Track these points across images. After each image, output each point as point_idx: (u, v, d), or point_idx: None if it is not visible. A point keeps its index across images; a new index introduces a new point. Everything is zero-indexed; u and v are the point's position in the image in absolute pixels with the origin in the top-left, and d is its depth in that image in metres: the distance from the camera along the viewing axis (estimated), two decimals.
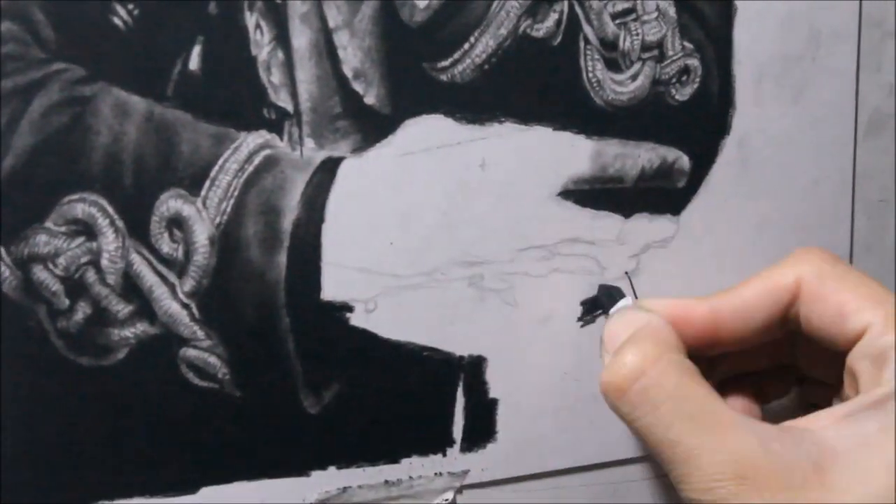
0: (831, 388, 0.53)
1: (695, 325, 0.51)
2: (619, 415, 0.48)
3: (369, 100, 0.53)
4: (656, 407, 0.46)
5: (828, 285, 0.50)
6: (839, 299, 0.49)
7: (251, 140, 0.51)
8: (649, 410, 0.47)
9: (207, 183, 0.51)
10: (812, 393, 0.57)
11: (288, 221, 0.52)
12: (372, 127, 0.53)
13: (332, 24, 0.52)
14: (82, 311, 0.50)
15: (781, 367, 0.57)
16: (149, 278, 0.51)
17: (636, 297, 0.59)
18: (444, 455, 0.57)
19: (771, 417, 0.51)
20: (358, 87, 0.53)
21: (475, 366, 0.57)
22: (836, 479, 0.44)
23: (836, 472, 0.44)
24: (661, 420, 0.46)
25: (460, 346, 0.57)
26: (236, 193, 0.51)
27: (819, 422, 0.46)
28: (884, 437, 0.44)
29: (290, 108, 0.52)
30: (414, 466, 0.57)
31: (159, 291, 0.51)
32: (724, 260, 0.61)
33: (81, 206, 0.49)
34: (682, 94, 0.59)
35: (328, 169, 0.53)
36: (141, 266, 0.51)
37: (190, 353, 0.52)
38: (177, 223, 0.51)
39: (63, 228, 0.49)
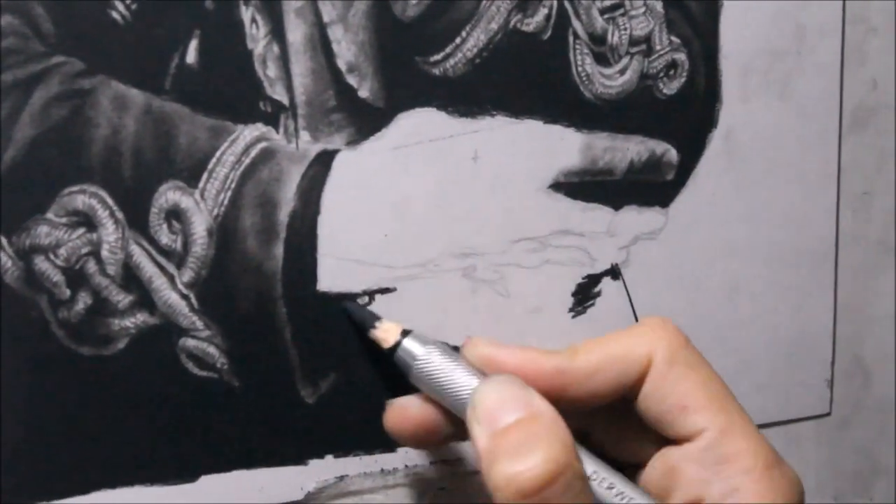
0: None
1: (538, 383, 0.49)
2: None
3: (363, 93, 0.54)
4: None
5: (675, 372, 0.49)
6: (682, 391, 0.49)
7: (248, 133, 0.52)
8: None
9: (205, 175, 0.52)
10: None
11: (284, 213, 0.53)
12: (366, 120, 0.54)
13: (326, 18, 0.52)
14: (83, 301, 0.51)
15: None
16: (148, 269, 0.52)
17: (628, 292, 0.60)
18: None
19: None
20: (352, 80, 0.53)
21: None
22: None
23: None
24: None
25: (453, 336, 0.57)
26: (233, 185, 0.52)
27: None
28: None
29: (285, 101, 0.52)
30: (410, 455, 0.57)
31: (158, 282, 0.52)
32: (712, 251, 0.62)
33: (82, 197, 0.50)
34: (670, 88, 0.59)
35: (323, 161, 0.53)
36: (140, 257, 0.51)
37: (189, 342, 0.53)
38: (175, 215, 0.52)
39: (64, 220, 0.50)
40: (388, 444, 0.57)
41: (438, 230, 0.56)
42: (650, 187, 0.60)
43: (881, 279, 0.68)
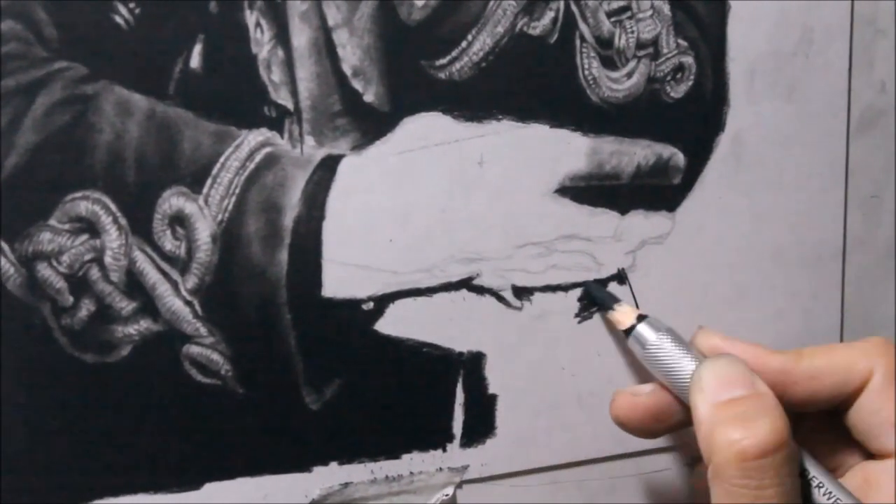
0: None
1: (765, 378, 0.52)
2: (719, 474, 0.49)
3: (368, 97, 0.53)
4: (765, 487, 0.48)
5: (891, 391, 0.51)
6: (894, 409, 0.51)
7: (252, 138, 0.52)
8: (756, 486, 0.48)
9: (209, 181, 0.51)
10: None
11: (289, 219, 0.53)
12: (371, 124, 0.54)
13: (331, 22, 0.52)
14: (86, 308, 0.51)
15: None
16: (152, 275, 0.51)
17: (634, 297, 0.59)
18: (444, 450, 0.58)
19: None
20: (357, 84, 0.53)
21: (474, 362, 0.57)
22: None
23: None
24: (764, 498, 0.48)
25: (459, 343, 0.57)
26: (238, 191, 0.52)
27: None
28: None
29: (290, 105, 0.52)
30: (414, 462, 0.57)
31: (162, 289, 0.51)
32: (720, 256, 0.61)
33: (85, 203, 0.50)
34: (677, 91, 0.59)
35: (328, 166, 0.53)
36: (144, 263, 0.51)
37: (193, 349, 0.52)
38: (179, 221, 0.51)
39: (67, 226, 0.50)
40: (392, 450, 0.57)
41: (444, 235, 0.56)
42: (657, 191, 0.60)
43: (889, 282, 0.67)
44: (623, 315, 0.57)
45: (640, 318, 0.57)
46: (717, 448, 0.48)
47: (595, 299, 0.59)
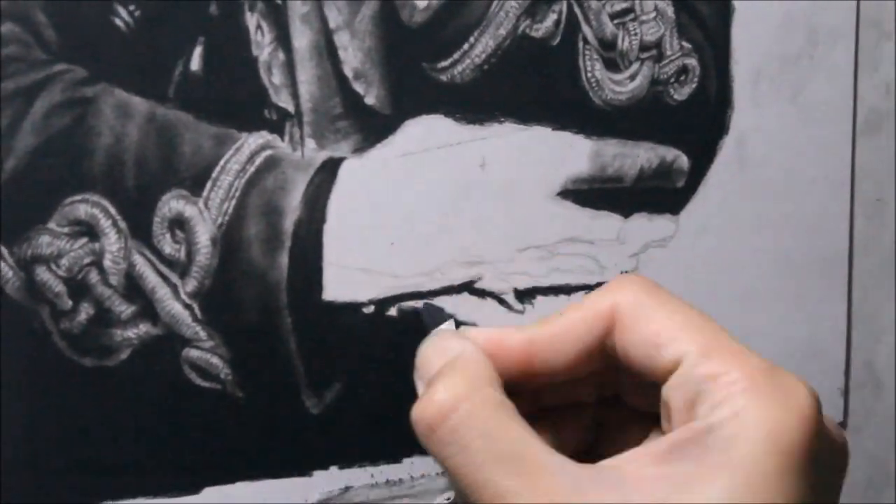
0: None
1: (510, 355, 0.47)
2: (429, 452, 0.46)
3: (370, 100, 0.53)
4: (466, 446, 0.42)
5: (643, 313, 0.47)
6: (653, 328, 0.45)
7: (252, 141, 0.51)
8: (458, 450, 0.42)
9: (209, 184, 0.51)
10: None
11: (289, 222, 0.52)
12: (372, 127, 0.53)
13: (332, 24, 0.52)
14: (85, 311, 0.50)
15: (612, 397, 0.55)
16: (151, 279, 0.51)
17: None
18: None
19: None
20: (358, 87, 0.53)
21: None
22: None
23: None
24: (471, 460, 0.42)
25: None
26: (238, 194, 0.51)
27: (637, 460, 0.44)
28: (703, 477, 0.43)
29: (291, 108, 0.52)
30: (415, 466, 0.57)
31: (162, 292, 0.51)
32: (723, 259, 0.61)
33: (84, 207, 0.50)
34: (681, 93, 0.59)
35: (329, 169, 0.53)
36: (143, 267, 0.51)
37: (192, 353, 0.52)
38: (179, 224, 0.51)
39: (66, 229, 0.50)
40: (393, 455, 0.56)
41: (445, 238, 0.55)
42: (660, 194, 0.59)
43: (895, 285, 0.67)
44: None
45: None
46: (413, 424, 0.44)
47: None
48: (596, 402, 0.51)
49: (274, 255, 0.52)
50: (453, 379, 0.44)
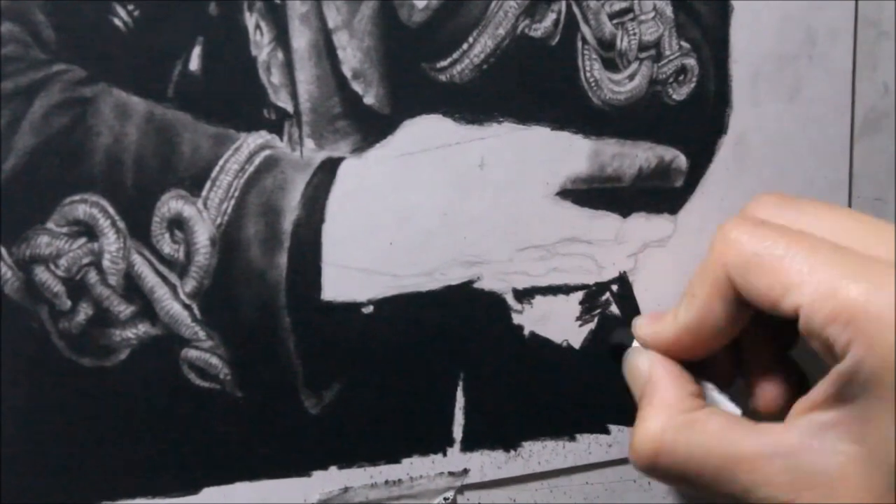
0: None
1: (674, 352, 0.54)
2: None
3: (368, 100, 0.53)
4: (684, 475, 0.49)
5: (752, 273, 0.49)
6: (765, 285, 0.48)
7: (251, 140, 0.51)
8: (679, 480, 0.50)
9: (208, 183, 0.51)
10: None
11: (288, 222, 0.52)
12: (371, 127, 0.53)
13: (331, 24, 0.52)
14: (84, 312, 0.50)
15: None
16: (150, 279, 0.51)
17: (636, 300, 0.59)
18: (445, 455, 0.57)
19: None
20: (357, 87, 0.53)
21: (475, 365, 0.57)
22: (868, 458, 0.44)
23: (861, 453, 0.45)
24: (697, 483, 0.49)
25: (460, 346, 0.57)
26: (237, 194, 0.51)
27: (810, 417, 0.47)
28: (869, 418, 0.45)
29: (289, 108, 0.52)
30: (414, 466, 0.57)
31: (161, 292, 0.51)
32: None
33: (83, 206, 0.49)
34: (680, 93, 0.59)
35: (328, 169, 0.53)
36: (142, 267, 0.51)
37: (191, 353, 0.52)
38: (178, 224, 0.51)
39: (64, 229, 0.49)
40: (392, 455, 0.56)
41: (444, 238, 0.55)
42: (659, 194, 0.59)
43: None
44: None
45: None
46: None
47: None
48: None
49: (273, 255, 0.52)
50: (647, 417, 0.51)
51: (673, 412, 0.50)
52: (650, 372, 0.53)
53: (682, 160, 0.59)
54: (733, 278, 0.50)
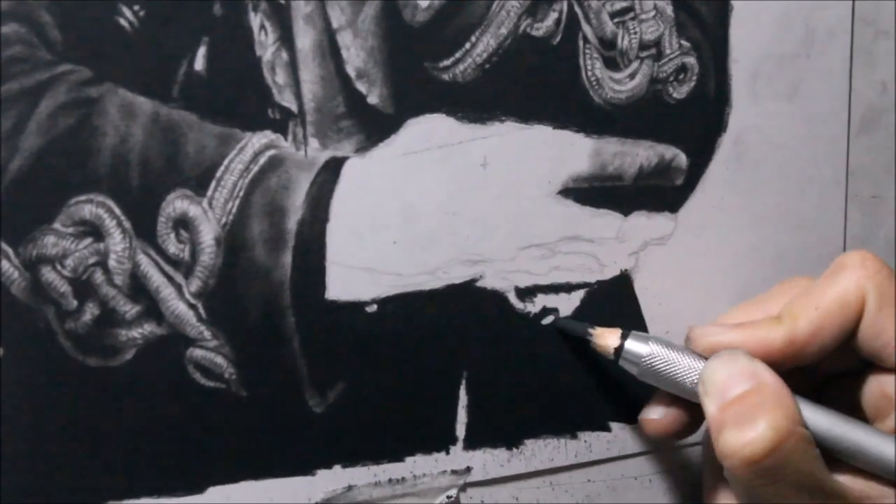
0: None
1: (774, 356, 0.53)
2: (734, 477, 0.50)
3: (372, 99, 0.53)
4: (779, 480, 0.49)
5: (886, 310, 0.51)
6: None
7: (256, 140, 0.51)
8: (770, 482, 0.49)
9: (213, 183, 0.51)
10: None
11: (293, 221, 0.52)
12: (375, 126, 0.53)
13: (335, 24, 0.52)
14: (90, 311, 0.50)
15: None
16: (156, 279, 0.51)
17: (637, 299, 0.59)
18: (448, 453, 0.58)
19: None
20: (361, 86, 0.53)
21: (477, 364, 0.57)
22: None
23: None
24: (781, 491, 0.49)
25: (463, 344, 0.57)
26: (242, 194, 0.51)
27: None
28: None
29: (294, 108, 0.52)
30: (418, 464, 0.57)
31: (166, 292, 0.51)
32: (722, 256, 0.61)
33: (89, 207, 0.49)
34: (680, 92, 0.59)
35: (332, 169, 0.53)
36: (148, 267, 0.51)
37: (196, 353, 0.52)
38: (183, 224, 0.51)
39: (71, 229, 0.49)
40: (395, 453, 0.56)
41: (447, 237, 0.55)
42: (659, 192, 0.60)
43: None
44: (605, 338, 0.56)
45: (625, 335, 0.56)
46: (724, 455, 0.49)
47: (569, 333, 0.58)
48: None
49: (277, 255, 0.52)
50: (775, 414, 0.49)
51: (797, 422, 0.49)
52: (761, 376, 0.51)
53: (682, 159, 0.59)
54: (867, 301, 0.51)
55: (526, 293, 0.58)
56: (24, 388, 0.50)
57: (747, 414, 0.49)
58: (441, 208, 0.55)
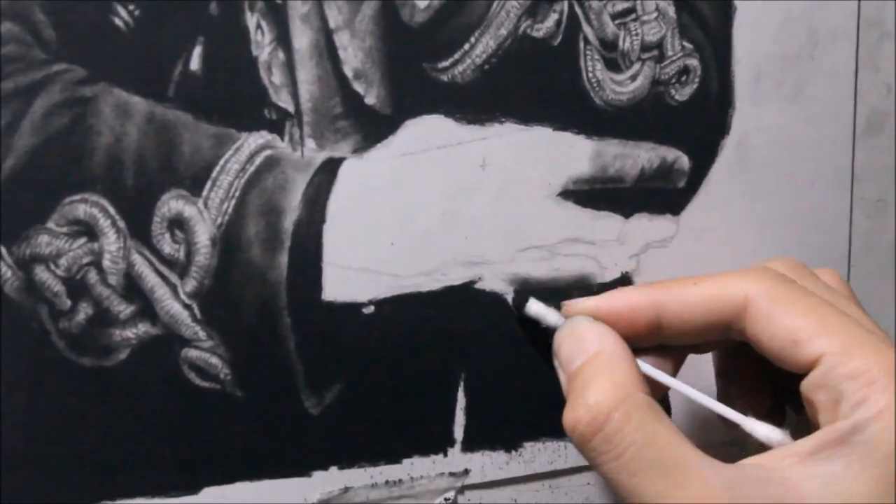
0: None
1: (638, 320, 0.50)
2: (582, 455, 0.47)
3: (370, 100, 0.53)
4: (619, 454, 0.45)
5: (778, 308, 0.47)
6: (791, 324, 0.47)
7: (252, 140, 0.51)
8: (612, 458, 0.45)
9: (209, 183, 0.51)
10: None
11: (289, 222, 0.52)
12: (372, 127, 0.53)
13: (332, 24, 0.52)
14: (84, 311, 0.50)
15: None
16: (150, 279, 0.51)
17: None
18: (445, 455, 0.57)
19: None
20: (358, 87, 0.53)
21: (476, 366, 0.57)
22: None
23: None
24: (624, 467, 0.45)
25: (461, 346, 0.56)
26: (237, 194, 0.51)
27: (784, 460, 0.44)
28: (849, 477, 0.43)
29: (290, 108, 0.52)
30: (415, 466, 0.57)
31: (161, 292, 0.51)
32: (724, 259, 0.61)
33: (83, 206, 0.49)
34: (682, 94, 0.59)
35: (329, 169, 0.53)
36: (142, 267, 0.51)
37: (191, 353, 0.52)
38: (178, 224, 0.51)
39: (65, 229, 0.49)
40: (393, 455, 0.56)
41: (445, 238, 0.55)
42: (661, 195, 0.59)
43: (894, 286, 0.67)
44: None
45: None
46: (567, 431, 0.47)
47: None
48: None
49: (273, 255, 0.52)
50: (602, 385, 0.47)
51: (632, 388, 0.47)
52: (602, 343, 0.49)
53: (684, 161, 0.59)
54: (752, 306, 0.49)
55: (525, 295, 0.57)
56: (18, 388, 0.50)
57: (581, 386, 0.48)
58: (439, 209, 0.55)
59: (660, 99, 0.58)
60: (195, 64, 0.50)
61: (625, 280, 0.59)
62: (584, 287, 0.58)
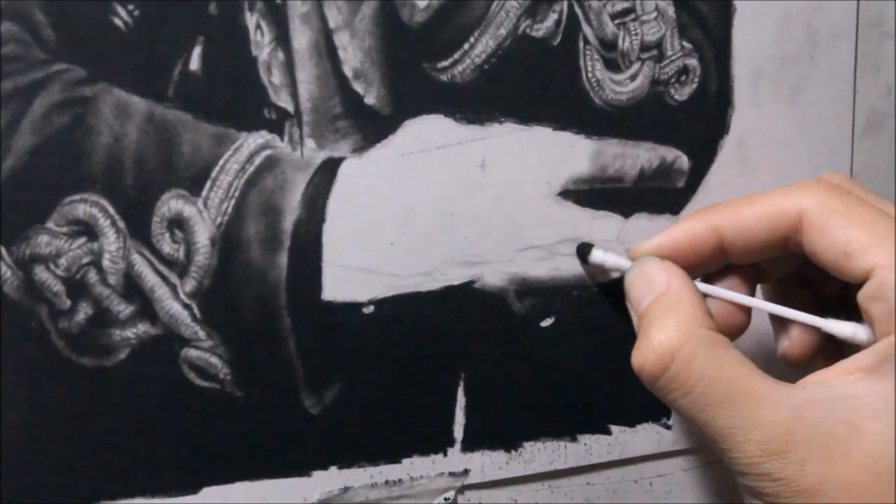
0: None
1: (702, 253, 0.52)
2: (652, 392, 0.49)
3: (369, 100, 0.53)
4: (688, 391, 0.47)
5: (832, 220, 0.48)
6: (844, 237, 0.48)
7: (252, 140, 0.51)
8: (682, 395, 0.47)
9: (208, 183, 0.51)
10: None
11: (289, 222, 0.52)
12: (372, 127, 0.53)
13: (332, 24, 0.52)
14: (84, 311, 0.50)
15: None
16: (150, 279, 0.51)
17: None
18: (445, 455, 0.57)
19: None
20: (358, 87, 0.53)
21: (475, 365, 0.57)
22: (875, 437, 0.44)
23: (873, 431, 0.44)
24: (694, 402, 0.47)
25: (461, 346, 0.56)
26: (237, 194, 0.51)
27: (846, 376, 0.46)
28: None
29: (290, 108, 0.52)
30: (415, 466, 0.57)
31: (160, 292, 0.51)
32: None
33: (83, 206, 0.49)
34: (681, 93, 0.59)
35: (329, 169, 0.53)
36: (142, 266, 0.51)
37: (191, 353, 0.52)
38: (178, 223, 0.51)
39: (64, 229, 0.49)
40: (392, 455, 0.56)
41: (445, 238, 0.55)
42: (661, 194, 0.59)
43: None
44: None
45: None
46: (636, 371, 0.49)
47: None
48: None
49: (273, 255, 0.52)
50: (668, 325, 0.49)
51: (696, 325, 0.48)
52: (669, 282, 0.51)
53: (683, 161, 0.59)
54: (806, 219, 0.49)
55: (524, 295, 0.57)
56: (18, 387, 0.50)
57: (647, 326, 0.49)
58: (439, 209, 0.55)
59: (659, 99, 0.58)
60: (195, 64, 0.50)
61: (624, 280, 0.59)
62: (584, 287, 0.58)
